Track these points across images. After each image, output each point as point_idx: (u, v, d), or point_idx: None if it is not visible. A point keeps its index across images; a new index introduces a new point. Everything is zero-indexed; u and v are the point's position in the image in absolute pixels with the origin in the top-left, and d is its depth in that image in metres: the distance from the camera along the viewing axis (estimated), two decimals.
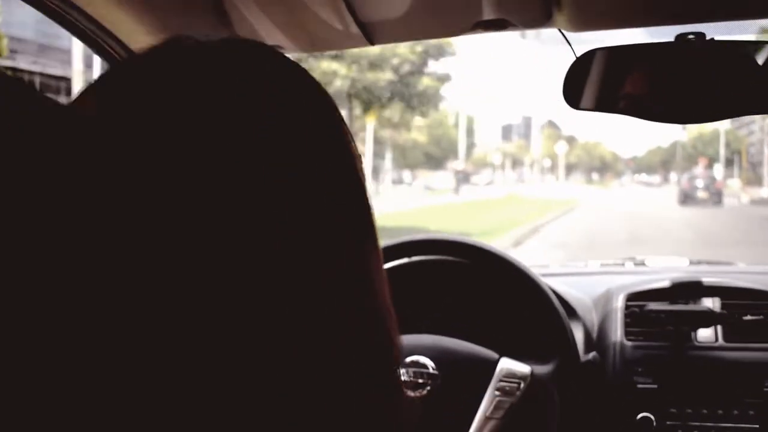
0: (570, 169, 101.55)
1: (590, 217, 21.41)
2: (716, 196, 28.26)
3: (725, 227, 18.29)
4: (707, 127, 70.05)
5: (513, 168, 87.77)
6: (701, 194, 28.41)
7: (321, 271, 0.41)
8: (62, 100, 0.43)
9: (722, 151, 63.84)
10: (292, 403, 0.39)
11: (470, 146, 68.14)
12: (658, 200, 32.02)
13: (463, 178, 47.01)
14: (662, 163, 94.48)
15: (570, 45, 1.19)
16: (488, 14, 1.09)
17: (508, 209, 21.83)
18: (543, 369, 1.37)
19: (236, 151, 0.39)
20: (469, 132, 68.07)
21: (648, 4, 1.09)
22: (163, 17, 1.01)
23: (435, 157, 54.29)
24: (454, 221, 16.62)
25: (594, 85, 1.19)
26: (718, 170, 55.60)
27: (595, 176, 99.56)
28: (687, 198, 28.62)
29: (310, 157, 0.42)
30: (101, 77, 0.44)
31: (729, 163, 67.70)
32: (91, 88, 0.43)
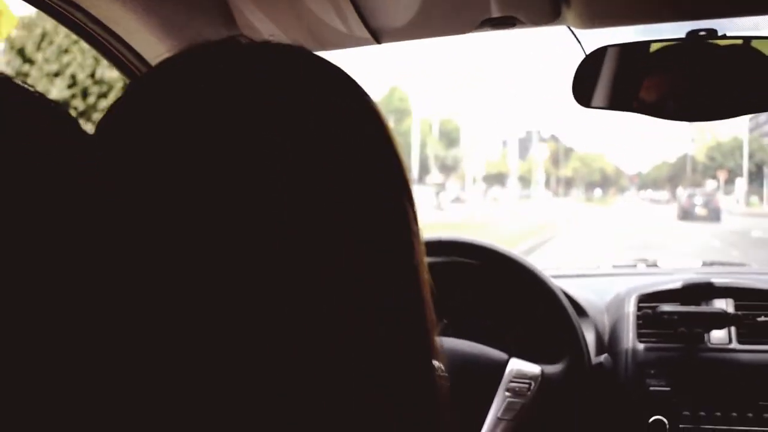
0: (567, 184, 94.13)
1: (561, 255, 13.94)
2: (714, 213, 28.97)
3: None
4: (726, 136, 64.43)
5: (498, 183, 79.13)
6: (700, 211, 29.17)
7: (372, 266, 0.43)
8: None
9: (745, 163, 54.51)
10: (335, 387, 0.40)
11: (456, 159, 64.38)
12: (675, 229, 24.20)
13: (436, 193, 43.16)
14: (670, 178, 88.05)
15: (579, 42, 1.17)
16: (496, 12, 1.08)
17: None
18: (553, 369, 1.36)
19: (288, 152, 0.41)
20: (452, 143, 65.11)
21: (657, 1, 1.08)
22: (167, 19, 1.00)
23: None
24: None
25: (604, 82, 1.18)
26: (741, 185, 49.88)
27: (597, 192, 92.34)
28: (686, 214, 29.40)
29: (358, 156, 0.44)
30: (141, 82, 0.46)
31: (754, 177, 55.75)
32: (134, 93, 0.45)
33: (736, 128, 62.28)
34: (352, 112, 0.46)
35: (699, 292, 1.55)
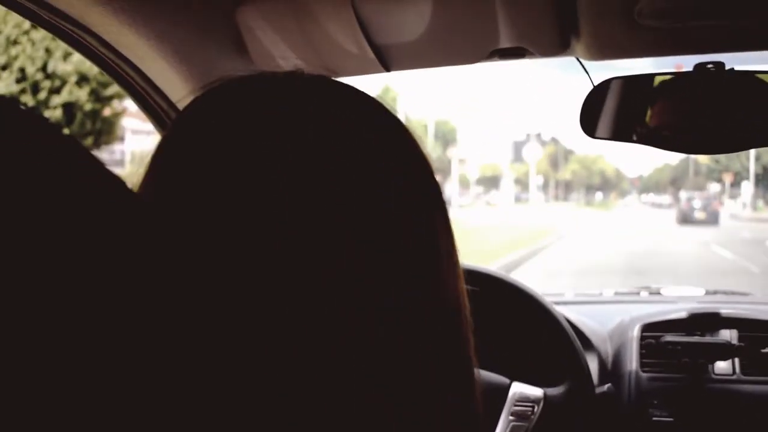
0: (566, 187, 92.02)
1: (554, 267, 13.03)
2: (713, 216, 29.88)
3: None
4: None
5: (494, 186, 76.85)
6: (699, 215, 30.10)
7: (404, 281, 0.44)
8: None
9: (752, 166, 49.95)
10: (370, 394, 0.41)
11: (452, 161, 61.57)
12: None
13: None
14: (672, 181, 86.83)
15: (587, 73, 1.18)
16: (505, 42, 1.09)
17: None
18: (556, 391, 1.35)
19: (323, 177, 0.42)
20: (448, 144, 62.80)
21: (666, 35, 1.08)
22: (180, 46, 1.01)
23: None
24: None
25: (611, 114, 1.18)
26: (747, 188, 48.01)
27: (598, 196, 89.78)
28: (685, 218, 30.38)
29: (391, 176, 0.45)
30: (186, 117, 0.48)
31: (761, 179, 53.91)
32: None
33: None
34: (385, 138, 0.47)
35: (703, 322, 1.54)
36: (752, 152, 47.54)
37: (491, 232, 19.28)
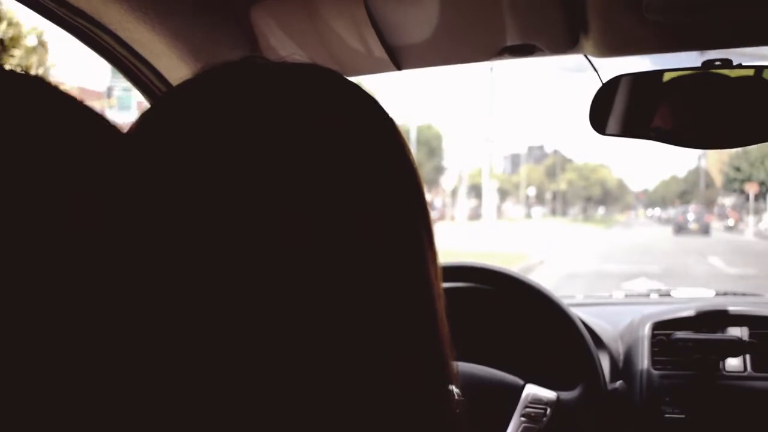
0: (564, 200, 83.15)
1: None
2: (704, 227, 34.47)
3: None
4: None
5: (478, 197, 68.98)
6: (692, 226, 34.71)
7: (386, 280, 0.42)
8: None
9: None
10: (342, 408, 0.40)
11: (438, 170, 59.12)
12: None
13: None
14: (681, 194, 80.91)
15: (596, 70, 1.19)
16: (514, 40, 1.10)
17: None
18: (569, 395, 1.35)
19: (302, 168, 0.41)
20: (433, 152, 58.90)
21: (674, 31, 1.09)
22: (194, 43, 1.02)
23: None
24: None
25: (620, 110, 1.19)
26: None
27: (601, 211, 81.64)
28: (680, 229, 34.96)
29: (376, 173, 0.44)
30: (165, 98, 0.47)
31: None
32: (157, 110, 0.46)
33: None
34: (367, 128, 0.46)
35: (713, 319, 1.54)
36: None
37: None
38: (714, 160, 64.50)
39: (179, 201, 0.40)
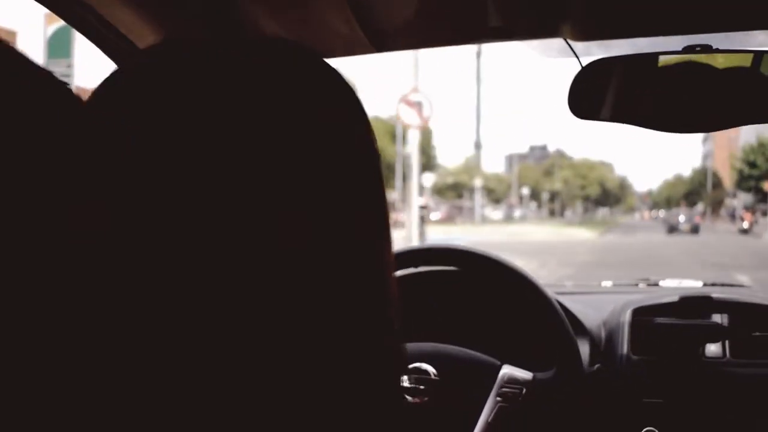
0: (561, 200, 77.80)
1: None
2: (694, 228, 37.87)
3: None
4: None
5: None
6: (684, 227, 38.24)
7: (338, 267, 0.41)
8: None
9: None
10: (295, 403, 0.39)
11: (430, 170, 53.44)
12: None
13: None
14: (686, 195, 76.37)
15: (576, 55, 1.19)
16: (493, 22, 1.10)
17: None
18: (545, 375, 1.37)
19: (256, 148, 0.39)
20: (425, 152, 55.45)
21: (654, 15, 1.10)
22: (169, 19, 1.03)
23: None
24: None
25: (599, 94, 1.19)
26: None
27: (602, 212, 75.74)
28: (672, 229, 38.30)
29: (335, 155, 0.42)
30: (120, 71, 0.43)
31: None
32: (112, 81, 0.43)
33: None
34: (330, 106, 0.44)
35: (695, 306, 1.55)
36: None
37: None
38: (722, 159, 60.52)
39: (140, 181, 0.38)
